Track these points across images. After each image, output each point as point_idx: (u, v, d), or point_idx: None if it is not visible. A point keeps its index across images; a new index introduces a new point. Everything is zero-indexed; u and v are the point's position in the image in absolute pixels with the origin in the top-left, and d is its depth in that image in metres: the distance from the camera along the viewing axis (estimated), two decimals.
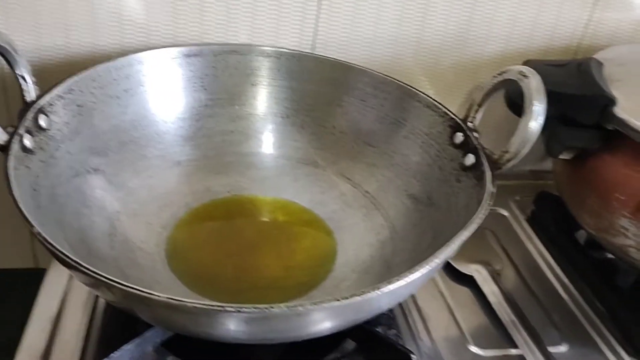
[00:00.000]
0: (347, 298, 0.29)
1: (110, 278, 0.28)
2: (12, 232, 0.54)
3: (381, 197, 0.46)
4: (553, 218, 0.52)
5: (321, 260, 0.43)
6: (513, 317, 0.44)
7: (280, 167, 0.49)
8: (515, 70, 0.40)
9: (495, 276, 0.48)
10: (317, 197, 0.47)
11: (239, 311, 0.28)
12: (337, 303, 0.29)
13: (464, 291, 0.46)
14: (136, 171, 0.44)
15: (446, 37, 0.52)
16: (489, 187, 0.37)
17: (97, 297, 0.42)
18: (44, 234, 0.30)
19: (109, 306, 0.41)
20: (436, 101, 0.45)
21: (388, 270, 0.40)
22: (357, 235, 0.44)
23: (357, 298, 0.29)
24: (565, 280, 0.48)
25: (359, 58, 0.51)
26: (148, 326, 0.37)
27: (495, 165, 0.39)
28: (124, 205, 0.42)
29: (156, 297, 0.28)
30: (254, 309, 0.28)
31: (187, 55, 0.46)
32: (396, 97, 0.47)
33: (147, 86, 0.45)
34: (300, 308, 0.28)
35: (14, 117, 0.39)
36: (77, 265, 0.29)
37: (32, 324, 0.39)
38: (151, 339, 0.37)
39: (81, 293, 0.42)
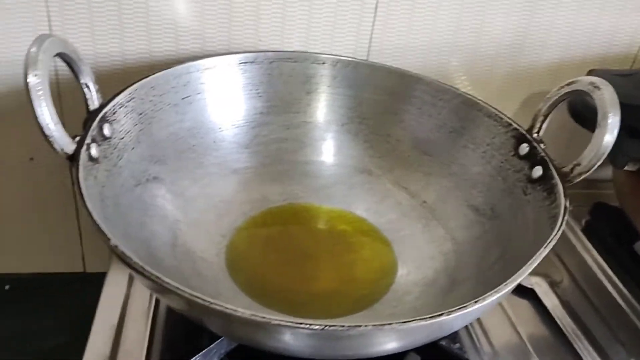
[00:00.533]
0: (426, 319, 0.29)
1: (196, 295, 0.28)
2: (62, 237, 0.54)
3: (440, 208, 0.45)
4: (611, 229, 0.51)
5: (381, 272, 0.42)
6: (576, 330, 0.43)
7: (336, 176, 0.48)
8: (585, 81, 0.39)
9: (555, 288, 0.47)
10: (373, 207, 0.47)
11: (321, 328, 0.27)
12: (418, 323, 0.28)
13: (525, 304, 0.45)
14: (194, 179, 0.44)
15: (502, 44, 0.51)
16: (563, 202, 0.36)
17: (157, 304, 0.41)
18: (122, 248, 0.29)
19: (170, 314, 0.41)
20: (498, 111, 0.44)
21: (453, 284, 0.40)
22: (417, 247, 0.44)
23: (434, 320, 0.29)
24: (627, 293, 0.47)
25: (414, 65, 0.50)
26: (210, 336, 0.36)
27: (566, 178, 0.38)
28: (184, 214, 0.42)
29: (239, 314, 0.27)
30: (336, 327, 0.28)
31: (243, 63, 0.46)
32: (455, 105, 0.46)
33: (205, 94, 0.45)
34: (386, 327, 0.28)
35: (71, 126, 0.39)
36: (157, 281, 0.28)
37: (94, 333, 0.39)
38: (216, 350, 0.36)
39: (141, 300, 0.41)
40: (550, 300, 0.45)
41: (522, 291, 0.46)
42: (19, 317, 0.52)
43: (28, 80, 0.33)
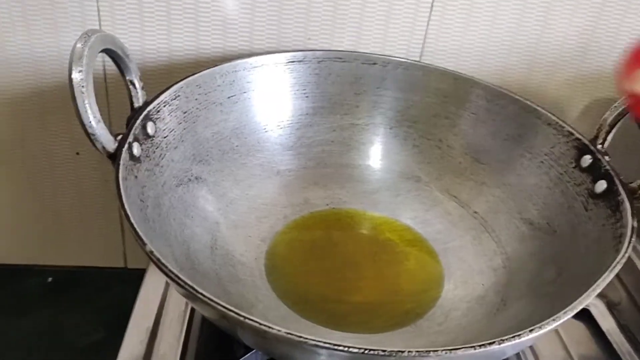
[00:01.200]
0: (475, 347, 0.26)
1: (230, 308, 0.27)
2: (104, 232, 0.54)
3: (492, 219, 0.43)
4: None
5: (427, 285, 0.40)
6: (634, 356, 0.40)
7: (382, 181, 0.46)
8: None
9: (613, 310, 0.43)
10: (420, 215, 0.45)
11: (361, 352, 0.26)
12: (472, 351, 0.26)
13: (579, 325, 0.43)
14: (236, 180, 0.43)
15: (565, 46, 0.47)
16: (630, 222, 0.33)
17: (193, 308, 0.41)
18: (157, 255, 0.28)
19: (205, 320, 0.40)
20: (559, 118, 0.41)
21: (503, 303, 0.37)
22: (465, 260, 0.41)
23: (484, 348, 0.26)
24: None
25: (469, 68, 0.47)
26: (245, 346, 0.35)
27: (634, 195, 0.35)
28: (224, 216, 0.41)
29: (274, 332, 0.26)
30: (377, 351, 0.26)
31: (291, 62, 0.44)
32: (511, 111, 0.43)
33: (250, 93, 0.43)
34: (432, 354, 0.26)
35: (118, 123, 0.39)
36: (192, 291, 0.27)
37: (128, 335, 0.39)
38: None
39: (178, 304, 0.41)
40: (607, 322, 0.42)
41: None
42: (58, 309, 0.52)
43: (72, 76, 0.32)
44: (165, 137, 0.38)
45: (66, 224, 0.53)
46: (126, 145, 0.34)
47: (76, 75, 0.32)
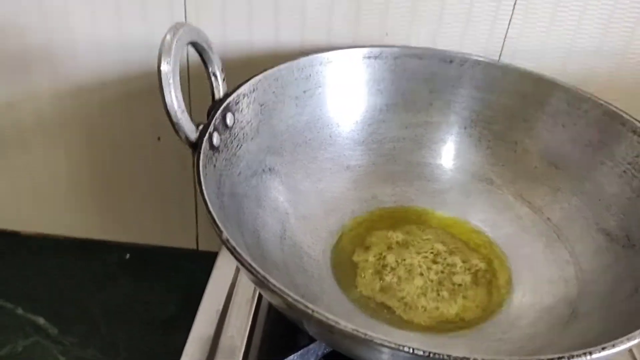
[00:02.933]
0: None
1: (298, 299, 0.27)
2: (180, 214, 0.56)
3: (566, 228, 0.41)
4: None
5: (494, 290, 0.40)
6: None
7: (452, 181, 0.46)
8: None
9: None
10: (490, 217, 0.44)
11: (426, 355, 0.26)
12: None
13: None
14: (307, 173, 0.44)
15: None
16: None
17: (260, 294, 0.42)
18: (233, 243, 0.30)
19: (272, 307, 0.41)
20: None
21: (573, 315, 0.36)
22: (535, 267, 0.40)
23: None
24: None
25: (551, 69, 0.46)
26: (310, 336, 0.36)
27: None
28: (294, 208, 0.42)
29: (341, 327, 0.26)
30: (442, 355, 0.26)
31: (367, 57, 0.45)
32: (594, 117, 0.42)
33: (326, 87, 0.44)
34: None
35: (198, 112, 0.40)
36: (263, 280, 0.28)
37: (200, 315, 0.41)
38: (314, 351, 0.36)
39: (247, 288, 0.42)
40: None
41: None
42: (134, 284, 0.55)
43: (161, 67, 0.34)
44: (242, 129, 0.40)
45: (145, 205, 0.56)
46: (207, 135, 0.36)
47: (164, 67, 0.33)
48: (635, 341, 0.27)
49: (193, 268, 0.57)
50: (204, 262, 0.49)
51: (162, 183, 0.55)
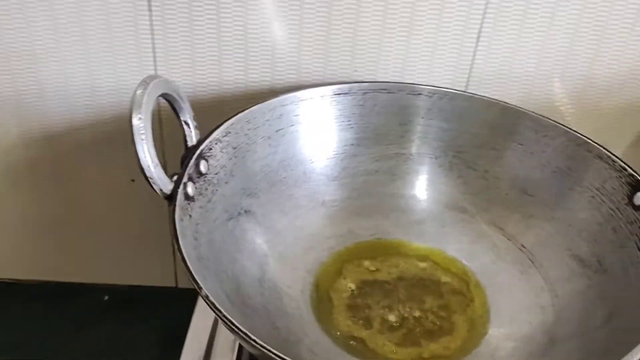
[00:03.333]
0: None
1: (277, 354, 0.28)
2: (157, 252, 0.56)
3: (540, 254, 0.42)
4: None
5: (473, 321, 0.40)
6: None
7: (427, 211, 0.46)
8: None
9: None
10: (466, 247, 0.45)
11: None
12: None
13: None
14: (283, 212, 0.44)
15: (619, 72, 0.46)
16: None
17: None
18: (212, 299, 0.30)
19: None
20: (611, 153, 0.40)
21: (551, 343, 0.37)
22: (512, 296, 0.41)
23: None
24: None
25: (517, 97, 0.47)
26: None
27: None
28: (272, 248, 0.42)
29: None
30: None
31: (337, 94, 0.45)
32: (561, 143, 0.43)
33: (298, 126, 0.44)
34: None
35: (172, 159, 0.40)
36: (245, 337, 0.28)
37: None
38: None
39: (228, 333, 0.42)
40: None
41: None
42: (114, 327, 0.55)
43: (133, 122, 0.34)
44: (216, 174, 0.40)
45: (121, 245, 0.56)
46: (181, 186, 0.36)
47: (136, 122, 0.34)
48: None
49: (173, 306, 0.56)
50: (184, 299, 0.48)
51: (138, 223, 0.54)
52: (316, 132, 0.45)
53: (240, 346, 0.41)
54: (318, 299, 0.41)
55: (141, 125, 0.34)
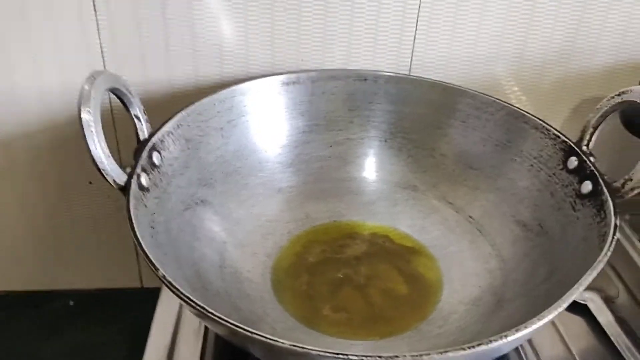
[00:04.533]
0: (465, 348, 0.28)
1: (238, 325, 0.29)
2: (120, 254, 0.56)
3: (486, 223, 0.44)
4: None
5: (427, 290, 0.42)
6: (632, 349, 0.42)
7: (379, 192, 0.48)
8: (638, 91, 0.37)
9: (610, 304, 0.45)
10: (418, 223, 0.46)
11: (359, 359, 0.28)
12: (462, 352, 0.28)
13: (578, 320, 0.44)
14: (240, 201, 0.45)
15: (550, 51, 0.49)
16: (613, 220, 0.35)
17: (207, 327, 0.43)
18: (169, 279, 0.31)
19: (218, 335, 0.42)
20: (545, 123, 0.43)
21: (499, 303, 0.39)
22: (463, 264, 0.43)
23: (475, 349, 0.28)
24: None
25: (457, 78, 0.49)
26: (257, 358, 0.37)
27: (616, 194, 0.37)
28: (231, 236, 0.43)
29: (279, 344, 0.28)
30: (374, 357, 0.28)
31: (286, 84, 0.47)
32: (500, 118, 0.45)
33: (248, 116, 0.46)
34: (425, 358, 0.28)
35: (127, 153, 0.41)
36: (202, 311, 0.29)
37: (148, 352, 0.41)
38: None
39: (193, 320, 0.43)
40: (604, 317, 0.44)
41: (574, 307, 0.44)
42: (81, 331, 0.55)
43: (82, 116, 0.35)
44: (170, 165, 0.41)
45: (83, 249, 0.56)
46: (135, 177, 0.37)
47: (85, 116, 0.34)
48: (546, 319, 0.30)
49: (140, 306, 0.56)
50: (150, 299, 0.49)
51: (98, 226, 0.55)
52: (267, 122, 0.47)
53: (205, 334, 0.42)
54: (278, 280, 0.42)
55: (90, 119, 0.34)
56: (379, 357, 0.27)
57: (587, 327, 0.44)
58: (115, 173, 0.36)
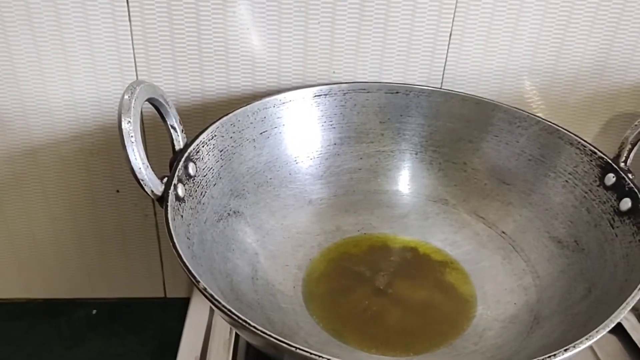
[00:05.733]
0: None
1: (279, 338, 0.28)
2: (144, 264, 0.56)
3: (520, 239, 0.44)
4: None
5: (461, 306, 0.42)
6: None
7: (410, 205, 0.48)
8: None
9: None
10: (449, 237, 0.46)
11: None
12: None
13: (612, 339, 0.44)
14: (271, 212, 0.45)
15: (583, 66, 0.49)
16: None
17: (237, 336, 0.43)
18: (210, 291, 0.30)
19: (249, 346, 0.42)
20: (581, 138, 0.43)
21: (535, 320, 0.39)
22: (496, 280, 0.43)
23: None
24: None
25: (490, 91, 0.49)
26: None
27: None
28: (263, 247, 0.43)
29: (318, 358, 0.28)
30: None
31: (318, 95, 0.47)
32: (533, 133, 0.45)
33: (281, 127, 0.46)
34: None
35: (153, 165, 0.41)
36: (244, 324, 0.29)
37: None
38: None
39: (223, 329, 0.43)
40: (639, 335, 0.43)
41: None
42: (104, 340, 0.55)
43: (122, 126, 0.35)
44: (205, 176, 0.41)
45: (108, 258, 0.56)
46: (172, 188, 0.37)
47: (125, 126, 0.34)
48: (594, 340, 0.29)
49: (163, 316, 0.57)
50: (173, 309, 0.49)
51: (124, 235, 0.55)
52: (299, 133, 0.47)
53: (235, 343, 0.42)
54: (310, 293, 0.42)
55: (130, 129, 0.34)
56: None
57: (621, 345, 0.43)
58: (153, 183, 0.36)
